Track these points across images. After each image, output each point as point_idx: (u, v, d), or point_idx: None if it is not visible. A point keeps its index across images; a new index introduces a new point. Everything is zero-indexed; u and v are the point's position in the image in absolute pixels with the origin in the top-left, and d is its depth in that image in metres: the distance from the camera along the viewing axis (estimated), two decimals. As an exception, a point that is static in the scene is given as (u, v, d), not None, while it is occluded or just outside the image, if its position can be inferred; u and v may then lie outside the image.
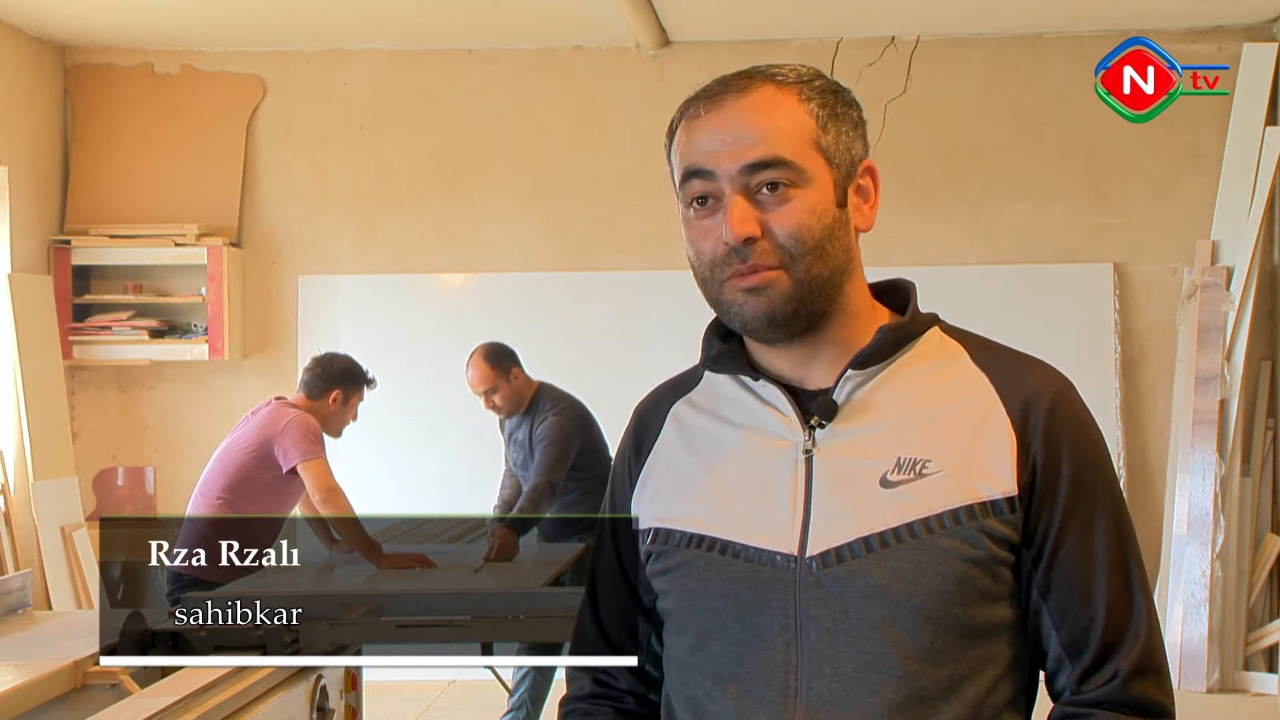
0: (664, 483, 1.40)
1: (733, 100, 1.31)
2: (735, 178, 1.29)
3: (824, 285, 1.30)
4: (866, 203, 1.35)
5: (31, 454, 5.96)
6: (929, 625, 1.25)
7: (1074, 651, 1.28)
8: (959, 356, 1.34)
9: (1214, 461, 5.97)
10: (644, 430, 1.46)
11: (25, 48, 6.32)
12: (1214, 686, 5.86)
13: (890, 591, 1.25)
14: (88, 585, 6.07)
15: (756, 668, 1.30)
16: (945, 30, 6.36)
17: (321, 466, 4.35)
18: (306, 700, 3.06)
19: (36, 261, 6.31)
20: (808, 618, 1.28)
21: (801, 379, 1.35)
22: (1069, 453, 1.29)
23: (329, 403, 4.53)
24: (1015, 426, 1.28)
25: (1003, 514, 1.26)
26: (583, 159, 6.56)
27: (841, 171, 1.32)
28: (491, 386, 4.79)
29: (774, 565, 1.30)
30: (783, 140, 1.29)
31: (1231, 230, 6.15)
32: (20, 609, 3.39)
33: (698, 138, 1.31)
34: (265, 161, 6.64)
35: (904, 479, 1.28)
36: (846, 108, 1.34)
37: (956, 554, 1.25)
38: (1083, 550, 1.28)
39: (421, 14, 6.09)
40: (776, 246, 1.29)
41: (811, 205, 1.29)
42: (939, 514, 1.26)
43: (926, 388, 1.32)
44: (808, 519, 1.30)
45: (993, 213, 6.42)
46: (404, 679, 5.95)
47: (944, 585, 1.25)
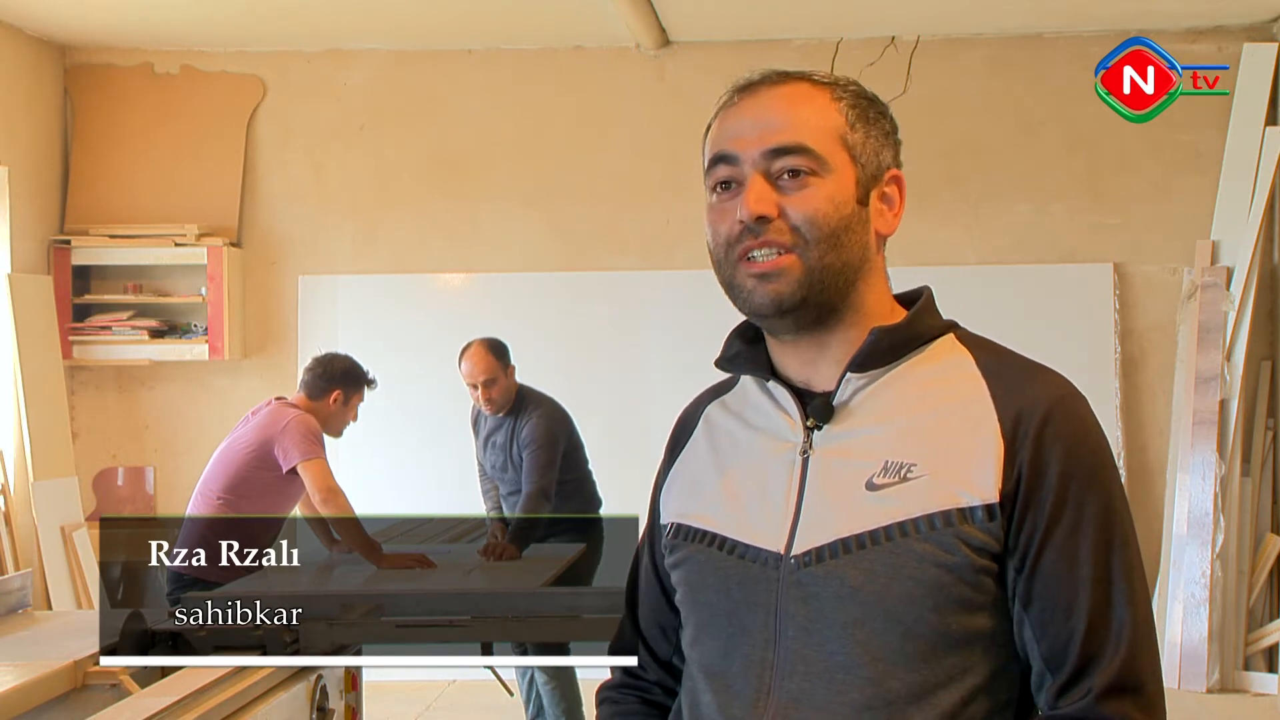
0: (686, 481, 1.43)
1: (768, 89, 1.34)
2: (758, 161, 1.31)
3: (835, 276, 1.31)
4: (891, 210, 1.37)
5: (31, 454, 5.96)
6: (898, 629, 1.24)
7: (1054, 666, 1.26)
8: (965, 362, 1.33)
9: (1214, 461, 5.97)
10: (681, 430, 1.48)
11: (25, 48, 6.32)
12: (1214, 686, 5.86)
13: (862, 593, 1.25)
14: (88, 585, 6.07)
15: (739, 663, 1.31)
16: (945, 30, 6.36)
17: (321, 466, 4.34)
18: (306, 700, 3.06)
19: (36, 261, 6.31)
20: (787, 616, 1.29)
21: (809, 380, 1.36)
22: (1058, 463, 1.25)
23: (329, 403, 4.53)
24: (1005, 434, 1.26)
25: (980, 521, 1.24)
26: (583, 159, 6.56)
27: (867, 172, 1.33)
28: (491, 378, 4.79)
29: (763, 563, 1.31)
30: (809, 130, 1.31)
31: (1231, 230, 6.15)
32: (20, 609, 3.39)
33: (729, 124, 1.35)
34: (265, 161, 6.64)
35: (889, 482, 1.27)
36: (879, 116, 1.36)
37: (930, 559, 1.24)
38: (1066, 562, 1.25)
39: (421, 14, 6.09)
40: (790, 228, 1.30)
41: (830, 194, 1.30)
42: (915, 518, 1.25)
43: (926, 393, 1.31)
44: (797, 519, 1.30)
45: (993, 213, 6.42)
46: (404, 679, 5.95)
47: (915, 590, 1.24)
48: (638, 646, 1.49)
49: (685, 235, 6.41)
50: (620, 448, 6.09)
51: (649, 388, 6.39)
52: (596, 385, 6.31)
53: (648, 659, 1.48)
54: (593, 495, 5.06)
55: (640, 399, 6.39)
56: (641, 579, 1.49)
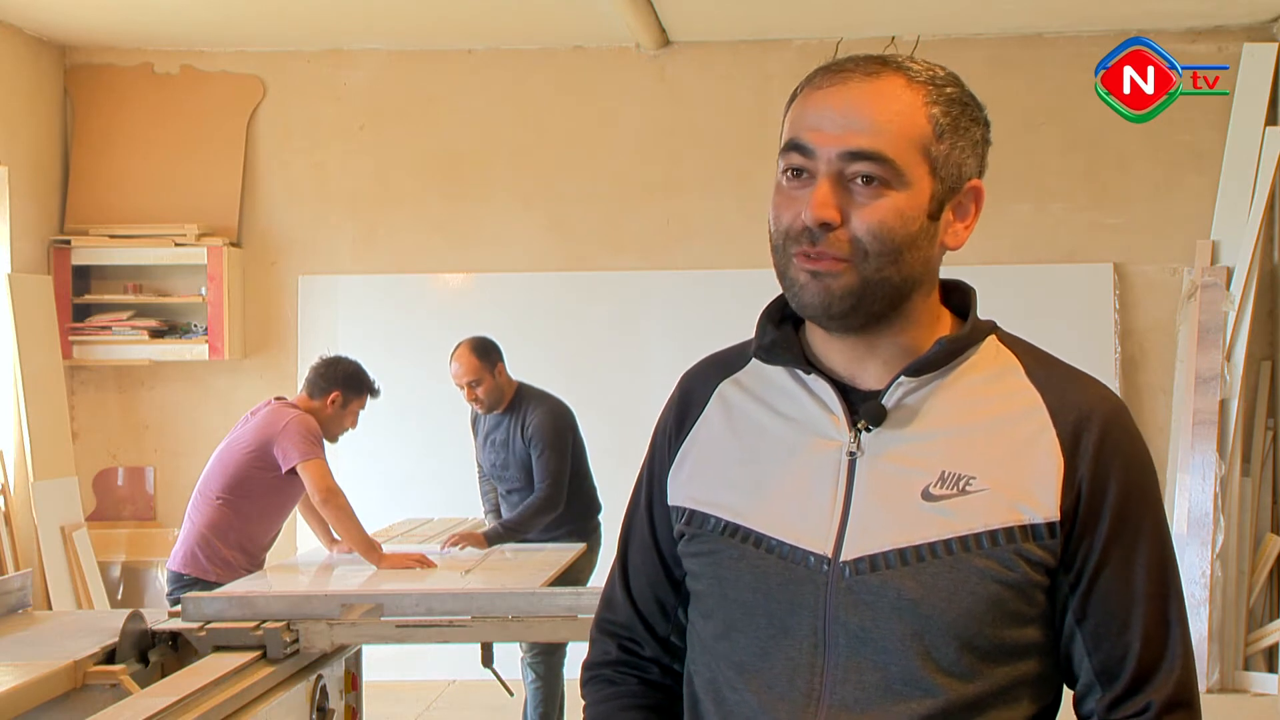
0: (702, 464, 1.38)
1: (858, 81, 1.27)
2: (833, 160, 1.26)
3: (890, 291, 1.27)
4: (962, 222, 1.33)
5: (31, 454, 5.96)
6: (958, 643, 1.24)
7: (1107, 679, 1.28)
8: (1013, 369, 1.32)
9: (1214, 461, 5.97)
10: (688, 404, 1.42)
11: (25, 48, 6.32)
12: (1214, 686, 5.86)
13: (923, 606, 1.24)
14: (88, 585, 6.07)
15: (781, 664, 1.29)
16: (945, 30, 6.36)
17: (321, 467, 4.34)
18: (306, 700, 3.06)
19: (36, 261, 6.31)
20: (837, 622, 1.27)
21: (854, 377, 1.32)
22: (1117, 479, 1.26)
23: (328, 404, 4.52)
24: (1065, 448, 1.26)
25: (1042, 539, 1.25)
26: (583, 159, 6.56)
27: (945, 185, 1.29)
28: (476, 379, 4.80)
29: (807, 565, 1.28)
30: (891, 137, 1.25)
31: (1231, 230, 6.15)
32: (20, 609, 3.39)
33: (811, 110, 1.28)
34: (265, 161, 6.64)
35: (947, 494, 1.26)
36: (972, 123, 1.31)
37: (991, 575, 1.24)
38: (1123, 578, 1.27)
39: (421, 14, 6.09)
40: (851, 239, 1.25)
41: (901, 208, 1.26)
42: (978, 533, 1.24)
43: (978, 400, 1.30)
44: (845, 522, 1.28)
45: (993, 213, 6.35)
46: (404, 679, 5.95)
47: (977, 606, 1.24)
48: (633, 621, 1.44)
49: (685, 235, 6.41)
50: (620, 448, 6.08)
51: (649, 388, 6.36)
52: (596, 385, 6.31)
53: (645, 635, 1.44)
54: (593, 496, 5.06)
55: (640, 399, 6.37)
56: (636, 552, 1.45)
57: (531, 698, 4.83)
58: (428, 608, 3.27)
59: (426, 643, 3.37)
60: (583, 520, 4.99)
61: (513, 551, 4.68)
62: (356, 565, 4.34)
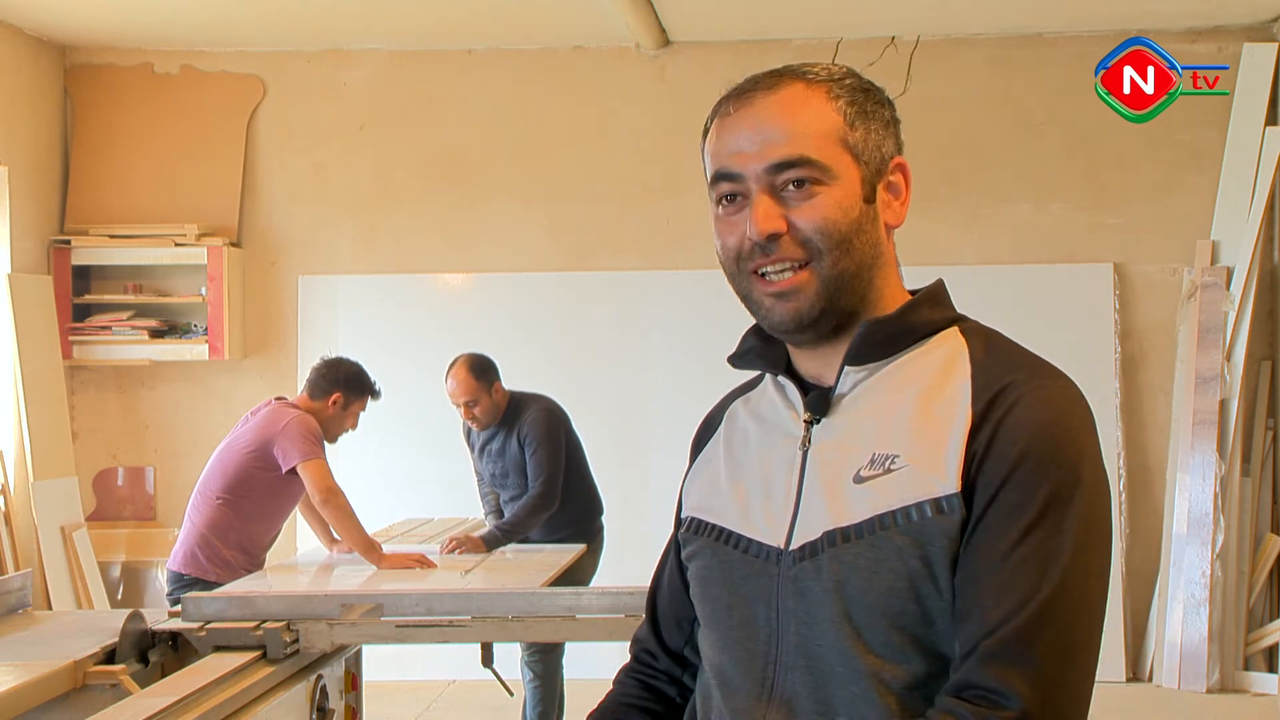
0: (705, 476, 1.44)
1: (762, 97, 1.32)
2: (761, 176, 1.30)
3: (851, 280, 1.31)
4: (897, 199, 1.36)
5: (31, 454, 5.96)
6: (885, 621, 1.23)
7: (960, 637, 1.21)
8: (960, 354, 1.31)
9: (1214, 461, 5.97)
10: (706, 428, 1.50)
11: (25, 48, 6.32)
12: (1214, 686, 5.86)
13: (847, 586, 1.25)
14: (88, 585, 6.07)
15: (742, 657, 1.32)
16: (945, 30, 6.36)
17: (321, 467, 4.34)
18: (306, 700, 3.06)
19: (36, 261, 6.31)
20: (786, 611, 1.29)
21: (820, 376, 1.36)
22: (1016, 447, 1.21)
23: (329, 405, 4.52)
24: (974, 419, 1.24)
25: (949, 511, 1.22)
26: (583, 159, 6.56)
27: (870, 168, 1.33)
28: (473, 399, 4.78)
29: (764, 558, 1.32)
30: (809, 139, 1.30)
31: (1231, 230, 6.15)
32: (20, 609, 3.39)
33: (727, 137, 1.33)
34: (265, 161, 6.64)
35: (874, 474, 1.26)
36: (877, 106, 1.35)
37: (909, 551, 1.22)
38: (993, 535, 1.20)
39: (421, 14, 6.09)
40: (801, 241, 1.30)
41: (837, 201, 1.30)
42: (894, 510, 1.23)
43: (914, 384, 1.30)
44: (796, 513, 1.31)
45: (993, 213, 6.42)
46: (404, 679, 5.95)
47: (898, 582, 1.23)
48: (650, 634, 1.50)
49: (685, 235, 6.41)
50: (620, 448, 6.09)
51: (649, 388, 6.39)
52: (596, 385, 6.31)
53: (658, 648, 1.49)
54: (595, 496, 5.06)
55: (640, 399, 6.39)
56: (666, 571, 1.51)
57: (530, 697, 4.83)
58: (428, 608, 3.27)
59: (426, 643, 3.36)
60: (586, 520, 4.98)
61: (513, 552, 4.68)
62: (356, 565, 4.34)
